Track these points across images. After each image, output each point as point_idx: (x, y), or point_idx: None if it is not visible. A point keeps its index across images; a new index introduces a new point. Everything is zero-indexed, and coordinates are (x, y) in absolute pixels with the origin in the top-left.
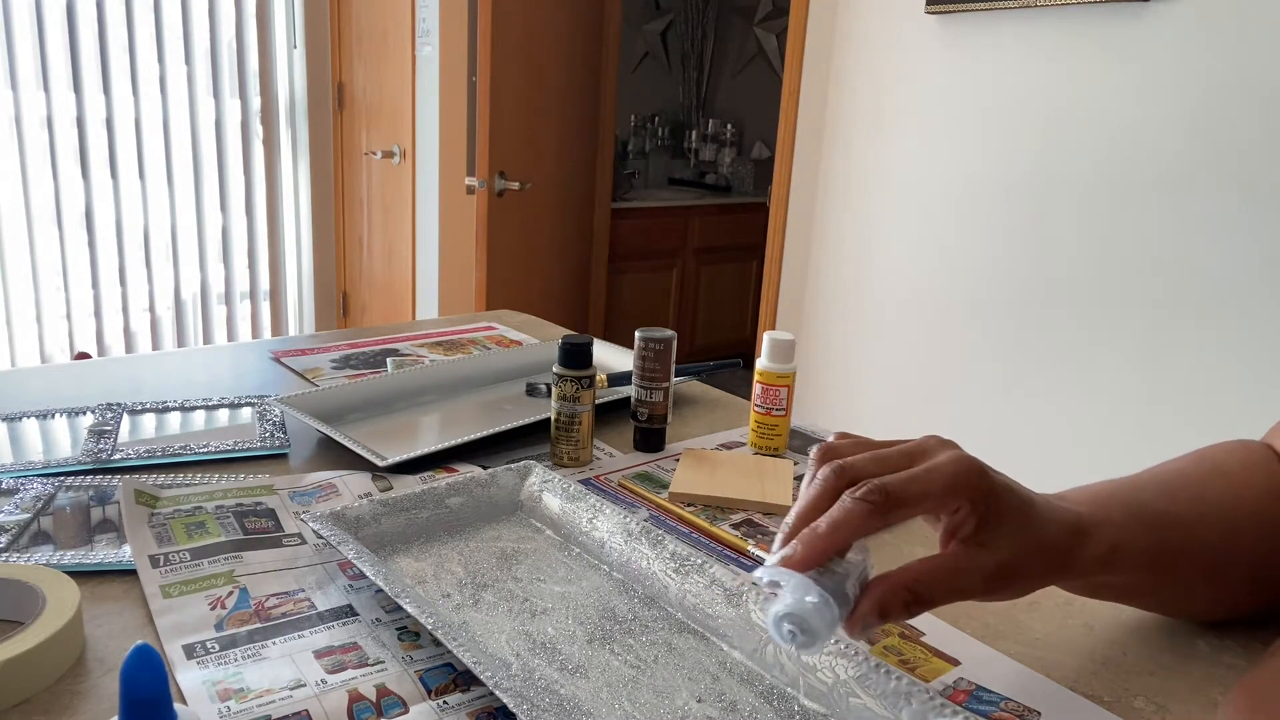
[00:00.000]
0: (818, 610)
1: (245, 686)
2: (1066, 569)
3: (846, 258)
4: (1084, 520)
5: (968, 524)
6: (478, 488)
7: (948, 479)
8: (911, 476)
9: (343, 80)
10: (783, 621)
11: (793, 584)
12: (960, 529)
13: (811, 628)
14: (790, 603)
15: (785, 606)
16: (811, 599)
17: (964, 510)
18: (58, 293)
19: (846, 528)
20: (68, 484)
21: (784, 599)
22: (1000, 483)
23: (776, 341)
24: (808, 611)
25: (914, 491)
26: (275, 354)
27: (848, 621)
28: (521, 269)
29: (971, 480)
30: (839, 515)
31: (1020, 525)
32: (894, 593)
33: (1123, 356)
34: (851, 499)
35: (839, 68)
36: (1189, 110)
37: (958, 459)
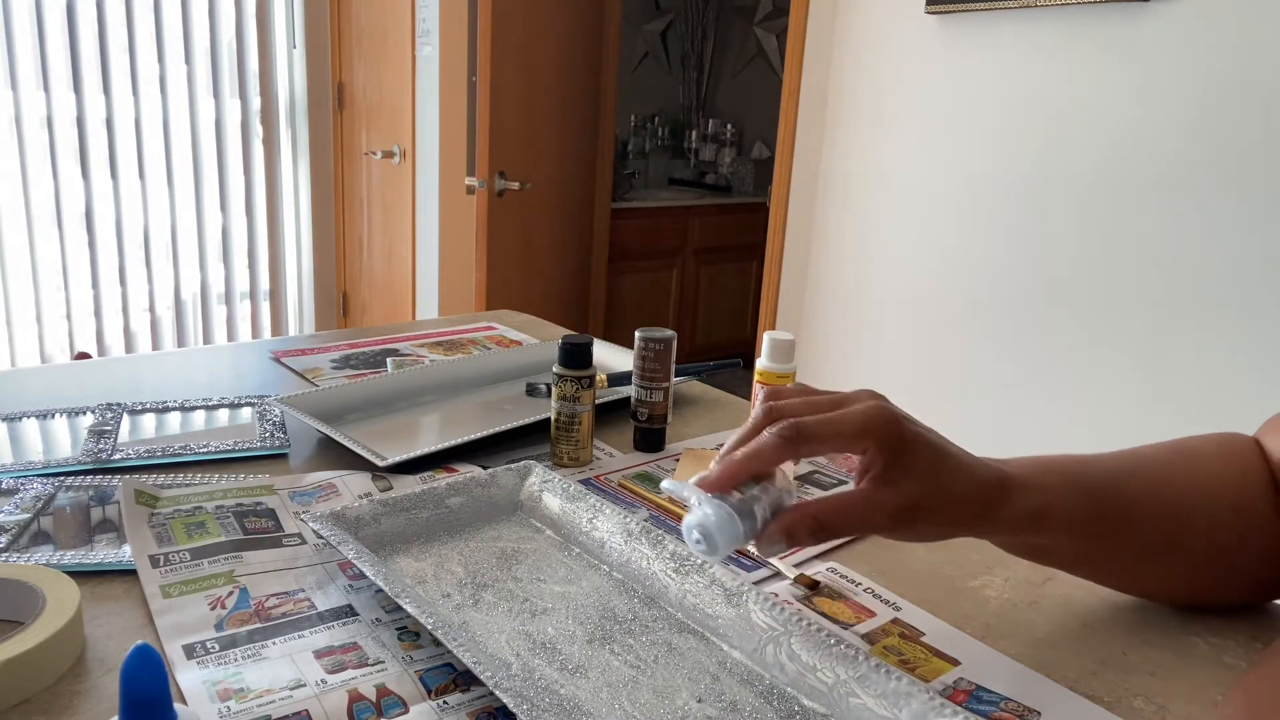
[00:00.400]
0: (720, 523)
1: (245, 686)
2: (985, 521)
3: (846, 258)
4: (1010, 479)
5: (876, 464)
6: (478, 488)
7: (858, 423)
8: (825, 419)
9: (343, 80)
10: (692, 530)
11: (705, 499)
12: (870, 468)
13: (713, 538)
14: (700, 515)
15: (695, 518)
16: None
17: (872, 451)
18: (58, 293)
19: (760, 456)
20: (68, 484)
21: (696, 511)
22: (913, 431)
23: (776, 341)
24: (710, 523)
25: (825, 431)
26: (275, 354)
27: (758, 539)
28: (521, 269)
29: (880, 426)
30: (754, 446)
31: (928, 471)
32: (802, 520)
33: (1122, 356)
34: (769, 433)
35: (839, 68)
36: (1189, 110)
37: (874, 407)
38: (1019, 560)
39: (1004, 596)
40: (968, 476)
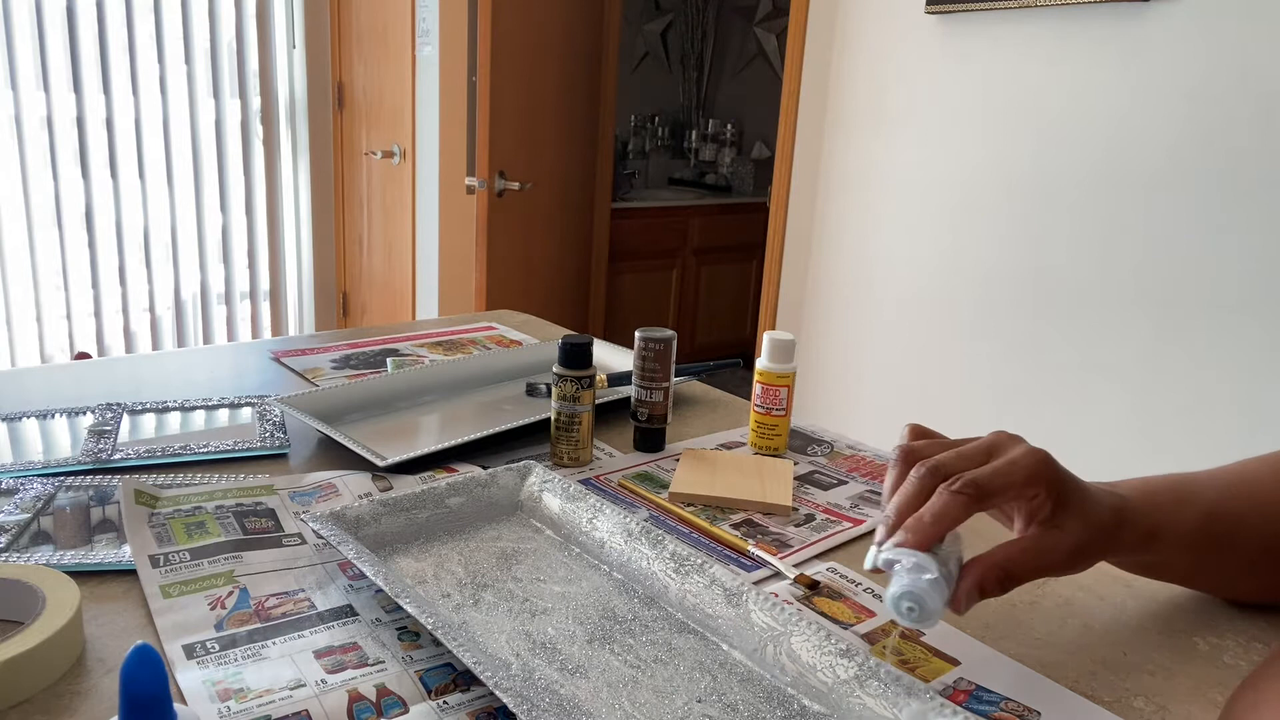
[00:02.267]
0: (933, 588)
1: (245, 686)
2: (1114, 547)
3: (846, 258)
4: (1127, 503)
5: (1044, 509)
6: (478, 488)
7: (1028, 471)
8: (995, 470)
9: (343, 80)
10: (901, 600)
11: (909, 565)
12: (1038, 514)
13: (927, 605)
14: (908, 582)
15: (902, 586)
16: (929, 576)
17: (1040, 497)
18: (58, 293)
19: (947, 517)
20: (68, 484)
21: (900, 580)
22: (1068, 476)
23: (776, 341)
24: (924, 590)
25: (999, 483)
26: (275, 354)
27: (952, 599)
28: (521, 269)
29: (1046, 471)
30: (939, 507)
31: (1084, 508)
32: (990, 571)
33: (1122, 355)
34: (949, 492)
35: (839, 68)
36: (1188, 110)
37: (1032, 452)
38: None
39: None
40: (1103, 507)
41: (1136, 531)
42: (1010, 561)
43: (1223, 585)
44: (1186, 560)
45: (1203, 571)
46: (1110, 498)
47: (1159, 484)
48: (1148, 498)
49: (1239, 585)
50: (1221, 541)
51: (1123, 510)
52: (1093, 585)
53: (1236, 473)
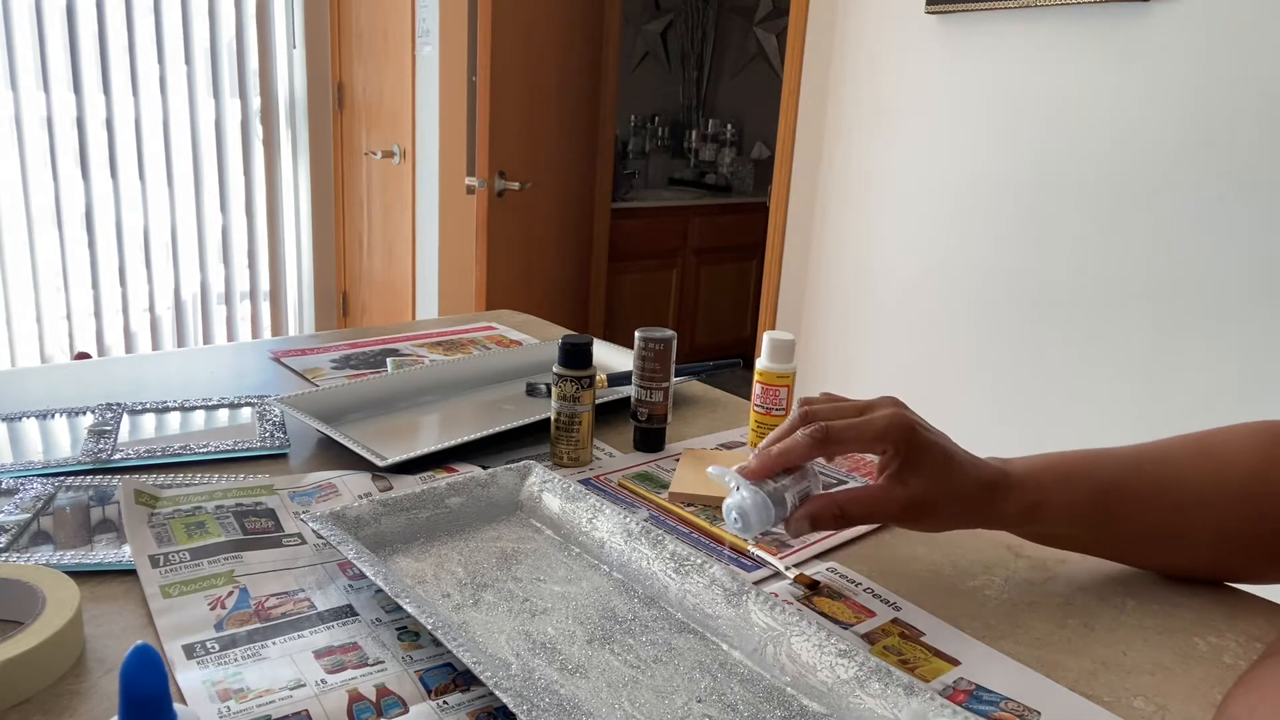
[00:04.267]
0: (755, 505)
1: (245, 686)
2: (985, 516)
3: (846, 258)
4: (1007, 479)
5: (891, 464)
6: (478, 488)
7: (878, 429)
8: (850, 424)
9: (343, 80)
10: (730, 510)
11: (744, 484)
12: (887, 467)
13: (748, 517)
14: (738, 499)
15: (734, 500)
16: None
17: (889, 453)
18: (58, 293)
19: (792, 453)
20: (68, 484)
21: (735, 495)
22: (926, 437)
23: (776, 341)
24: (747, 505)
25: (849, 434)
26: (275, 354)
27: (786, 521)
28: (521, 269)
29: (898, 432)
30: (787, 443)
31: (936, 471)
32: (826, 506)
33: (1123, 355)
34: (801, 433)
35: (839, 68)
36: (1189, 110)
37: (893, 414)
38: (1019, 560)
39: (1004, 596)
40: (972, 477)
41: (1016, 504)
42: (847, 501)
43: (1121, 557)
44: (1078, 533)
45: (1095, 544)
46: (990, 471)
47: (1052, 460)
48: (1034, 475)
49: (1145, 559)
50: (1114, 517)
51: (998, 484)
52: (1093, 585)
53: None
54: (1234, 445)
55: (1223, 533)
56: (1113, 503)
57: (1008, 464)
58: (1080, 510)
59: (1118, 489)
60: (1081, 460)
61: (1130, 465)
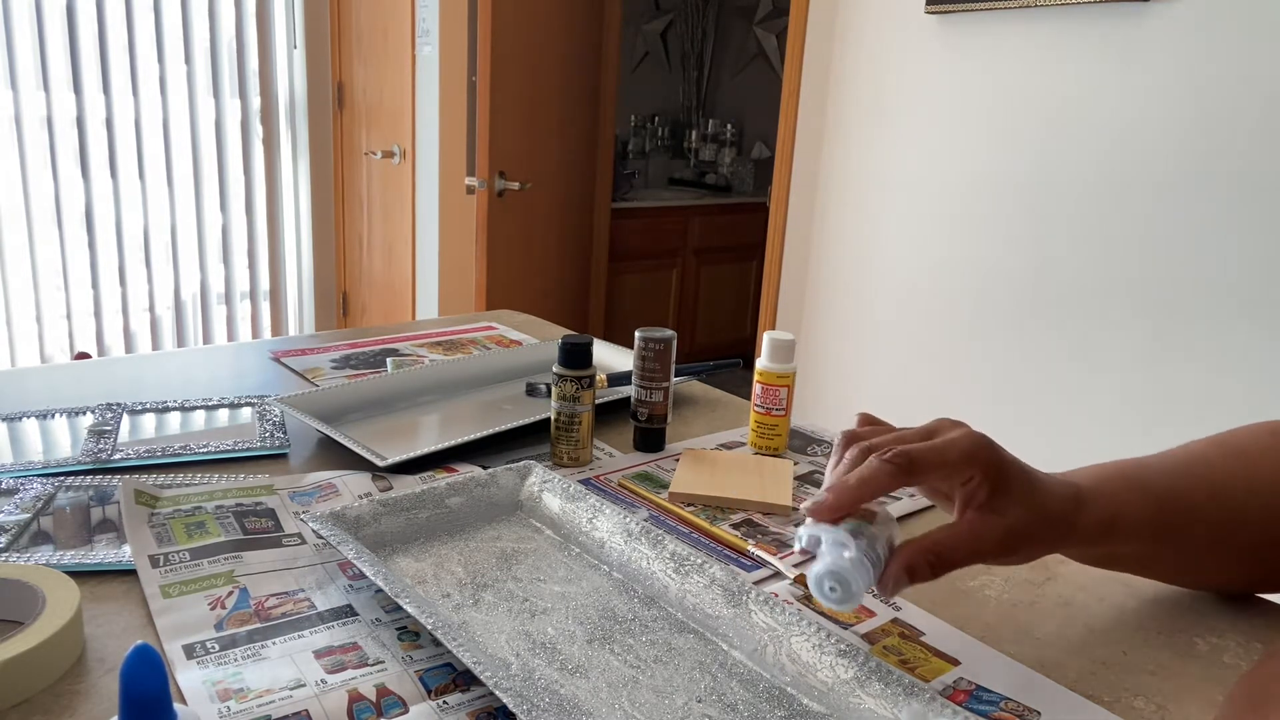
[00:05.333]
0: (854, 566)
1: (245, 686)
2: (1068, 537)
3: (846, 258)
4: (1083, 492)
5: (980, 492)
6: (478, 488)
7: (963, 450)
8: (930, 446)
9: (343, 80)
10: (824, 579)
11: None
12: (974, 498)
13: (848, 584)
14: (830, 561)
15: (825, 565)
16: (849, 554)
17: (976, 479)
18: (58, 293)
19: (874, 482)
20: (68, 484)
21: (823, 559)
22: (1007, 456)
23: (776, 341)
24: (845, 568)
25: (932, 459)
26: (275, 354)
27: (880, 581)
28: (521, 269)
29: (983, 453)
30: (866, 472)
31: (1026, 494)
32: (919, 555)
33: (1123, 355)
34: (878, 459)
35: (839, 68)
36: (1189, 110)
37: (971, 434)
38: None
39: (1004, 596)
40: (1055, 496)
41: (1095, 520)
42: (941, 545)
43: (1178, 574)
44: (1143, 550)
45: (1158, 560)
46: (1064, 487)
47: (1111, 471)
48: (1101, 484)
49: (1200, 575)
50: (1176, 528)
51: (1079, 499)
52: (1093, 585)
53: (1184, 456)
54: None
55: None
56: (1171, 513)
57: (1071, 476)
58: (1147, 522)
59: (1174, 497)
60: (1134, 470)
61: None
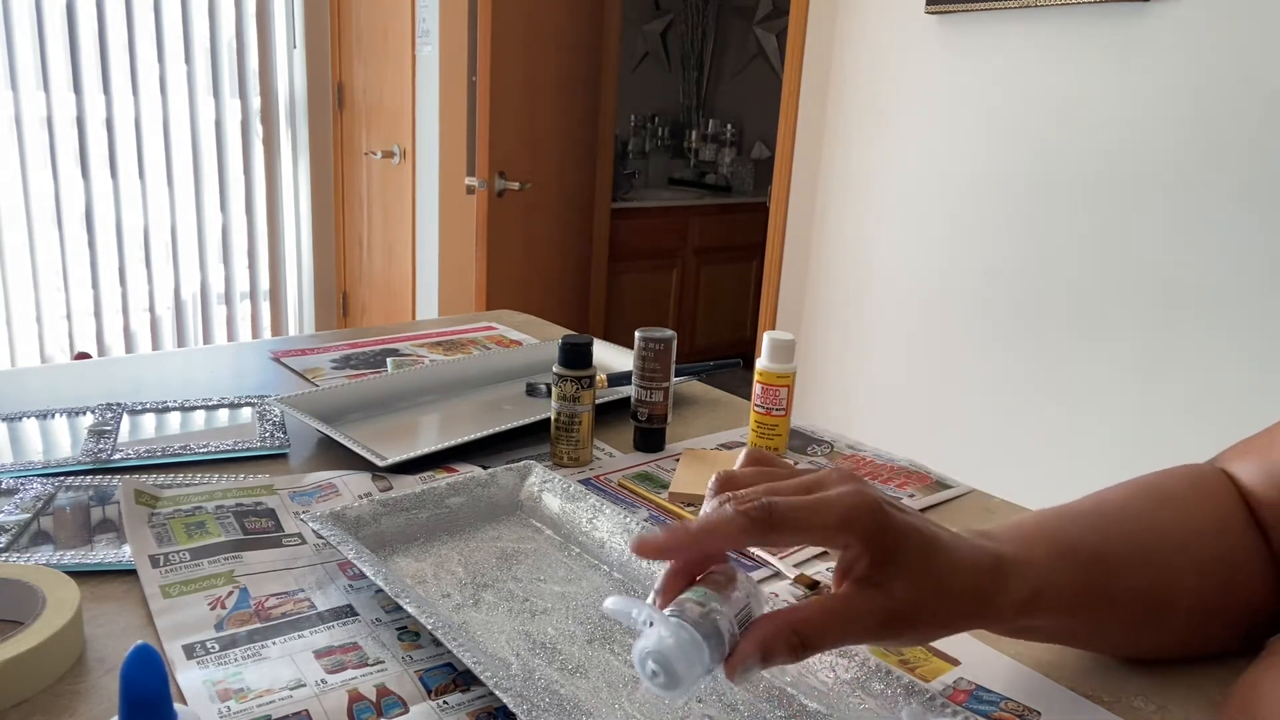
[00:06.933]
0: (681, 648)
1: (245, 686)
2: (984, 614)
3: (846, 258)
4: (1004, 561)
5: (860, 562)
6: (478, 488)
7: (840, 513)
8: (800, 503)
9: (343, 80)
10: (646, 660)
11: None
12: (853, 568)
13: (673, 668)
14: (655, 640)
15: (649, 643)
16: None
17: (855, 548)
18: (58, 293)
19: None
20: (68, 484)
21: (649, 634)
22: (901, 521)
23: (776, 341)
24: (669, 649)
25: (800, 518)
26: (275, 354)
27: (727, 663)
28: (521, 269)
29: (865, 517)
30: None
31: (920, 568)
32: (779, 634)
33: (1123, 355)
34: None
35: (839, 68)
36: (1189, 110)
37: (854, 493)
38: None
39: None
40: (963, 567)
41: (1016, 597)
42: (808, 623)
43: (1108, 646)
44: (1066, 623)
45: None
46: (980, 556)
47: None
48: (1026, 551)
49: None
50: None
51: (997, 570)
52: None
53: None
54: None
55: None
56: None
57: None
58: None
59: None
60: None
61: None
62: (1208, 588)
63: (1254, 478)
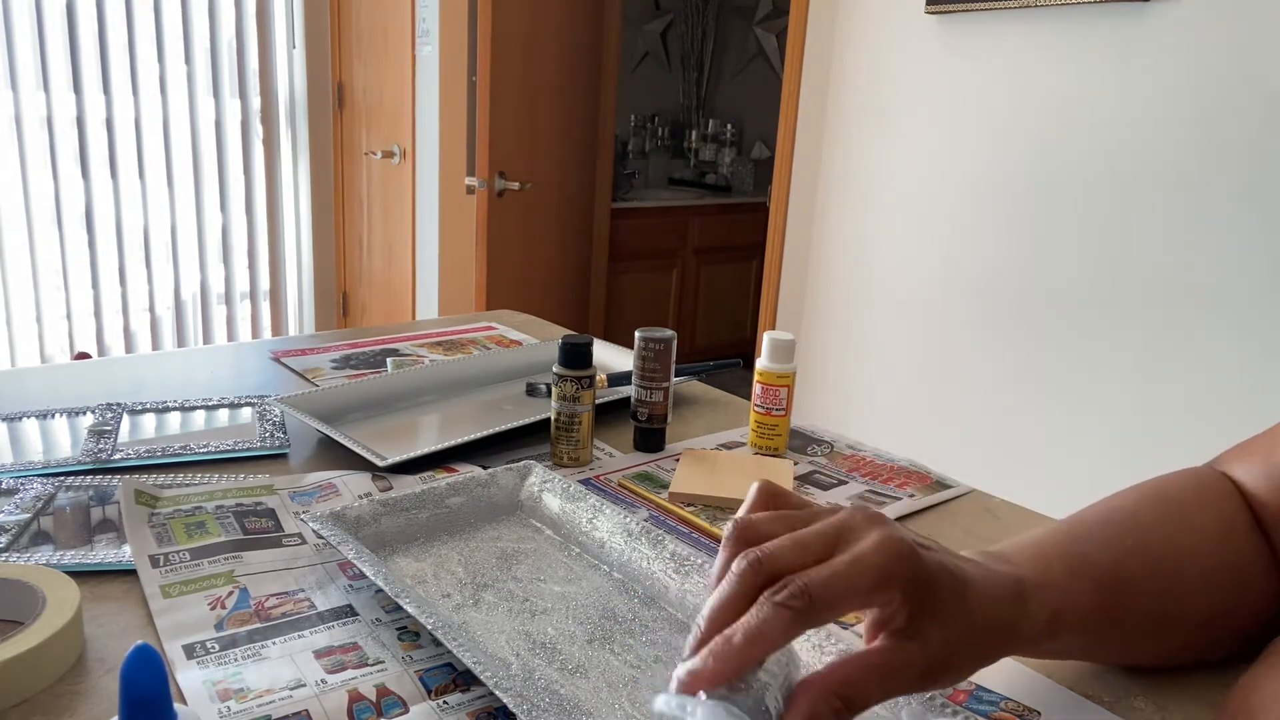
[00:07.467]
0: None
1: (245, 686)
2: (1012, 643)
3: (846, 258)
4: (1024, 586)
5: (899, 616)
6: (478, 488)
7: (877, 572)
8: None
9: (343, 80)
10: None
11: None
12: (890, 621)
13: None
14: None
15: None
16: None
17: (895, 603)
18: (58, 293)
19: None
20: (68, 484)
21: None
22: (933, 564)
23: (776, 341)
24: None
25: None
26: (275, 354)
27: None
28: (521, 269)
29: (902, 569)
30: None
31: (955, 611)
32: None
33: (1124, 356)
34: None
35: (839, 68)
36: (1189, 110)
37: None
38: None
39: None
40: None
41: (1037, 620)
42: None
43: (1120, 656)
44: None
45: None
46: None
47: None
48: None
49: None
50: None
51: (1020, 594)
52: None
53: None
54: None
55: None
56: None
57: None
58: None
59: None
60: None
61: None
62: (1217, 595)
63: (1256, 480)
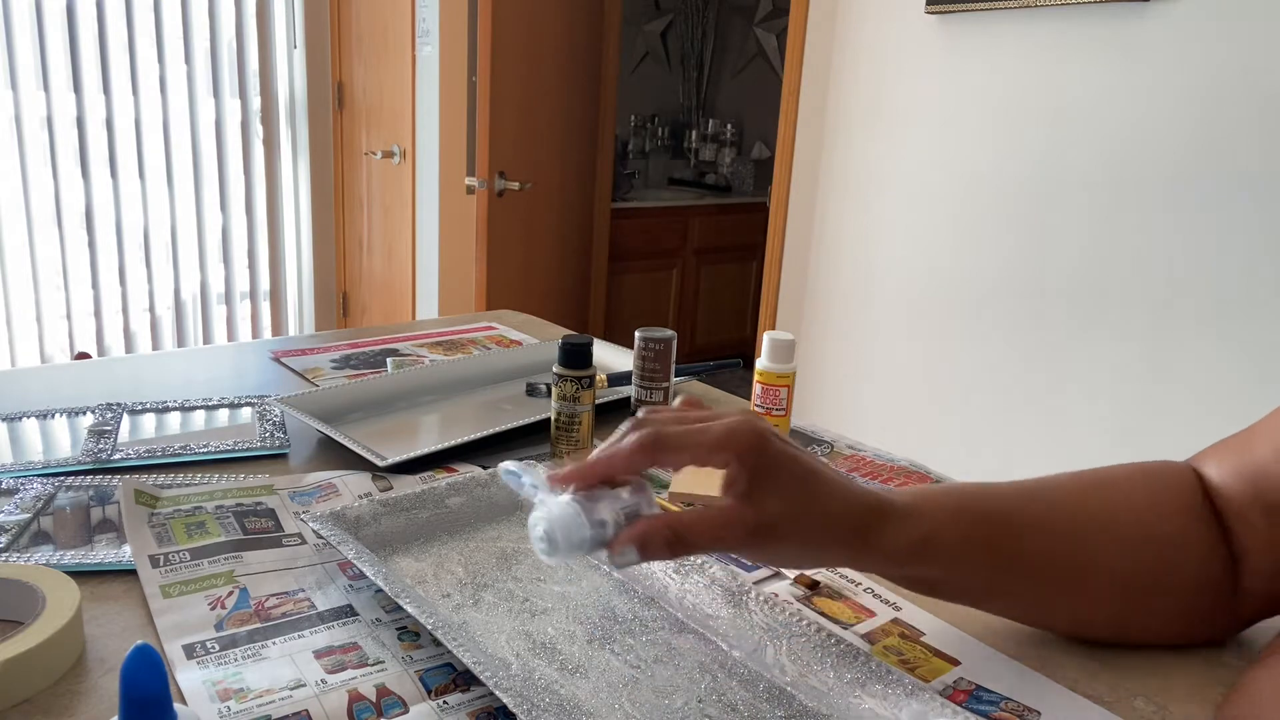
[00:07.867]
0: (564, 520)
1: (245, 686)
2: (864, 552)
3: (846, 258)
4: (890, 506)
5: (740, 480)
6: (478, 488)
7: (719, 434)
8: (686, 430)
9: (343, 80)
10: (537, 525)
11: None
12: (734, 484)
13: (554, 536)
14: (546, 511)
15: (541, 512)
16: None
17: (734, 466)
18: (58, 293)
19: (615, 458)
20: (68, 484)
21: (543, 508)
22: (781, 448)
23: (776, 341)
24: (554, 519)
25: (683, 440)
26: (275, 354)
27: (609, 546)
28: (521, 269)
29: (743, 439)
30: (609, 448)
31: (795, 489)
32: (656, 529)
33: (1124, 356)
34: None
35: (839, 68)
36: (1189, 110)
37: (736, 422)
38: None
39: None
40: (841, 498)
41: (899, 538)
42: (683, 524)
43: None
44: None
45: (986, 592)
46: (864, 497)
47: (943, 491)
48: (921, 503)
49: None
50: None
51: (881, 512)
52: None
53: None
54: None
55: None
56: (1001, 538)
57: (889, 492)
58: (969, 546)
59: (1006, 522)
60: (969, 492)
61: (1018, 497)
62: (1136, 565)
63: (1224, 475)
